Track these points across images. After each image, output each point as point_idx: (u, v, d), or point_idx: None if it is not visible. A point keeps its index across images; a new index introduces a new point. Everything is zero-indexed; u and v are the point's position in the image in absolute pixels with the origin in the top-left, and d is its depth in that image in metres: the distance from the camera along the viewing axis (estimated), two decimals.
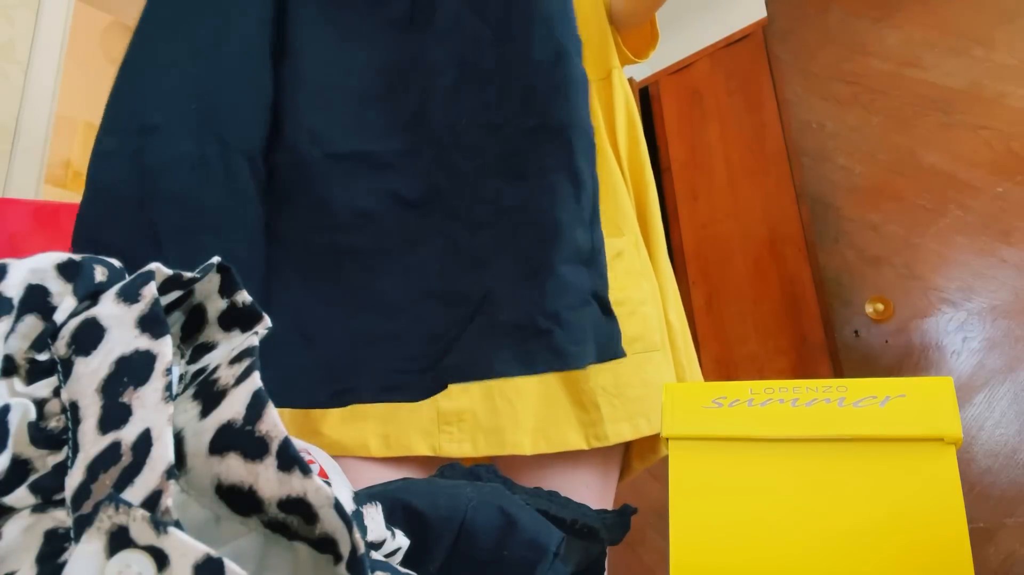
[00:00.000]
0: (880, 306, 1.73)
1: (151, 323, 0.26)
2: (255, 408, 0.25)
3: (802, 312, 1.97)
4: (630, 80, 2.49)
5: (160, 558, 0.20)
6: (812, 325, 1.94)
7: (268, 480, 0.24)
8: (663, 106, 2.45)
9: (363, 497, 0.34)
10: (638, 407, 0.75)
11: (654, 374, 0.78)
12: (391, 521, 0.34)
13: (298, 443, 0.32)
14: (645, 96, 2.50)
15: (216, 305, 0.31)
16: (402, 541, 0.33)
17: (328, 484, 0.24)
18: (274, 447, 0.24)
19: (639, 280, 0.85)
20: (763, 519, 0.39)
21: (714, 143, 2.28)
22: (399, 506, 0.36)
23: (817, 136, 1.92)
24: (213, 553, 0.20)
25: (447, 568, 0.36)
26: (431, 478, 0.46)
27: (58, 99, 1.74)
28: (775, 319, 2.01)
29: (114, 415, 0.25)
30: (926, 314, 1.68)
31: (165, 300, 0.29)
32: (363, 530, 0.30)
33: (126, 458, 0.24)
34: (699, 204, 2.27)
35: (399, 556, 0.33)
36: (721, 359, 2.10)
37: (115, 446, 0.24)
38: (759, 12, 2.24)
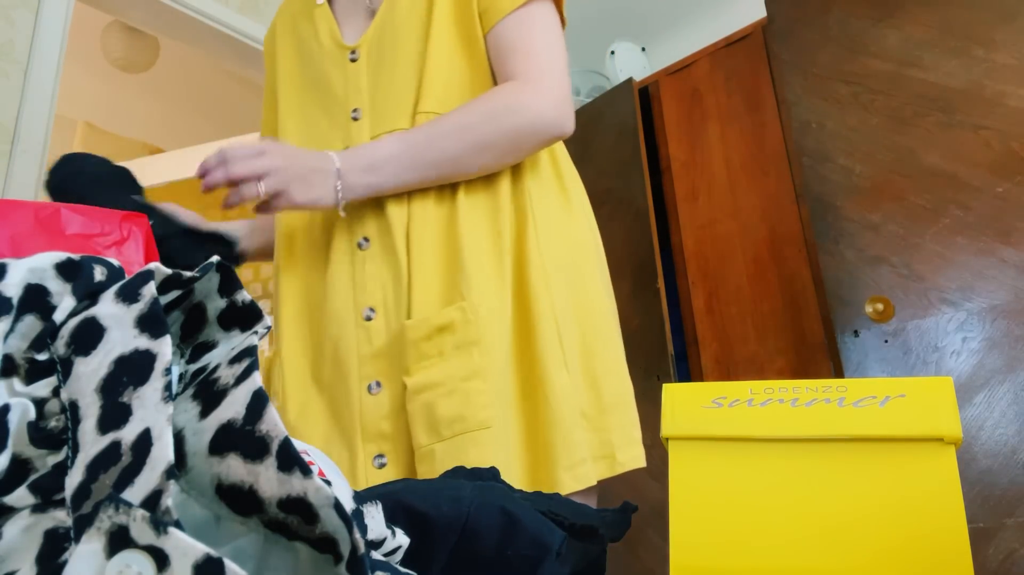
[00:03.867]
0: (880, 306, 1.73)
1: (150, 323, 0.26)
2: (255, 408, 0.25)
3: (802, 312, 1.97)
4: (630, 80, 2.49)
5: (160, 558, 0.20)
6: (812, 325, 1.94)
7: (268, 480, 0.24)
8: (663, 106, 2.45)
9: (365, 498, 0.34)
10: None
11: (477, 456, 0.74)
12: (393, 523, 0.34)
13: (298, 444, 0.32)
14: (645, 96, 2.50)
15: (216, 304, 0.31)
16: (402, 539, 0.33)
17: (328, 484, 0.24)
18: (274, 447, 0.24)
19: (469, 352, 0.79)
20: (763, 519, 0.39)
21: (714, 143, 2.28)
22: (401, 508, 0.36)
23: (817, 136, 1.92)
24: (213, 553, 0.20)
25: (450, 568, 0.36)
26: (432, 479, 0.46)
27: (58, 99, 1.73)
28: (775, 319, 2.01)
29: (114, 415, 0.25)
30: (926, 314, 1.68)
31: (164, 299, 0.29)
32: (363, 529, 0.30)
33: (126, 458, 0.24)
34: (699, 204, 2.27)
35: (399, 555, 0.33)
36: (721, 359, 2.10)
37: (115, 446, 0.24)
38: (759, 12, 2.24)
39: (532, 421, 0.81)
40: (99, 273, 0.29)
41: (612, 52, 2.77)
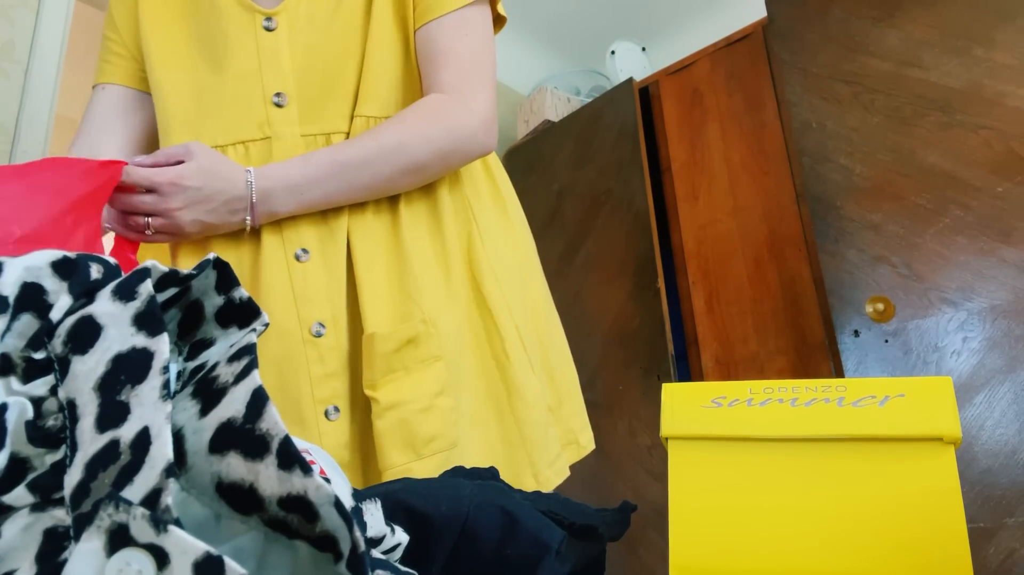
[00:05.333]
0: (880, 306, 1.73)
1: (147, 321, 0.26)
2: (255, 406, 0.25)
3: (802, 312, 1.97)
4: (630, 80, 2.49)
5: (160, 556, 0.20)
6: (812, 325, 1.94)
7: (268, 478, 0.24)
8: (663, 106, 2.45)
9: (364, 496, 0.34)
10: None
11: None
12: (392, 522, 0.34)
13: (298, 442, 0.32)
14: (645, 96, 2.50)
15: (213, 301, 0.31)
16: (401, 537, 0.33)
17: (328, 482, 0.24)
18: (274, 445, 0.24)
19: (435, 366, 0.76)
20: (762, 519, 0.39)
21: (714, 143, 2.28)
22: (401, 507, 0.36)
23: (817, 136, 1.91)
24: (213, 551, 0.20)
25: (450, 568, 0.36)
26: (431, 478, 0.46)
27: (58, 99, 1.73)
28: (775, 319, 2.01)
29: (112, 413, 0.25)
30: (926, 314, 1.68)
31: (161, 297, 0.29)
32: (363, 527, 0.30)
33: (125, 456, 0.24)
34: (699, 204, 2.27)
35: (399, 552, 0.33)
36: (721, 359, 2.10)
37: (113, 444, 0.24)
38: (759, 12, 2.24)
39: (509, 426, 0.80)
40: (95, 271, 0.29)
41: (612, 52, 2.77)
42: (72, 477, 0.24)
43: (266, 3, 0.83)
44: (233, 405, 0.26)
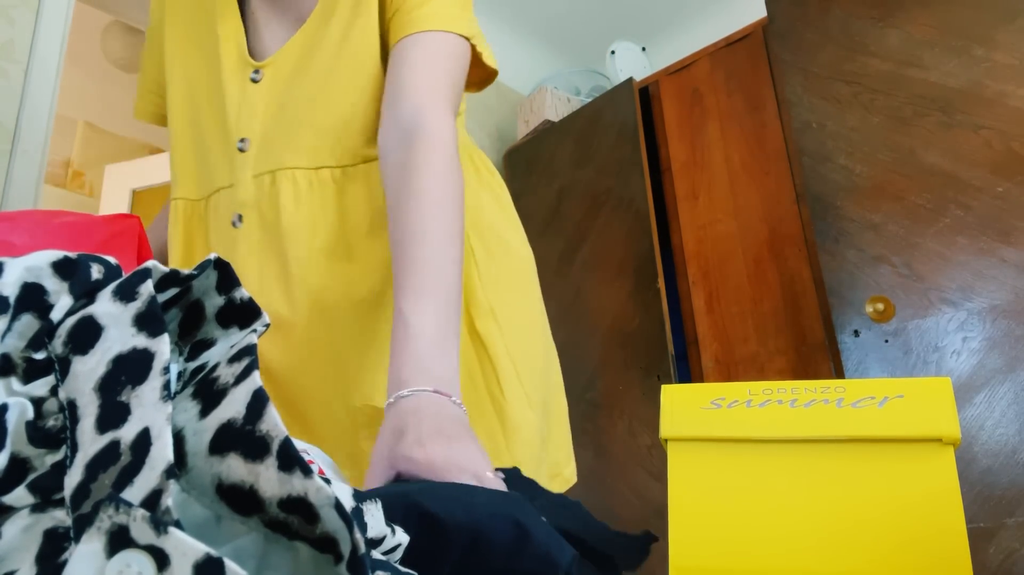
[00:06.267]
0: (880, 306, 1.73)
1: (148, 321, 0.26)
2: (255, 408, 0.25)
3: (802, 312, 1.97)
4: (630, 80, 2.49)
5: (160, 558, 0.20)
6: (812, 325, 1.94)
7: (269, 480, 0.24)
8: (663, 106, 2.45)
9: (366, 497, 0.34)
10: None
11: None
12: (406, 524, 0.34)
13: (298, 443, 0.32)
14: (645, 96, 2.50)
15: (214, 302, 0.31)
16: (402, 538, 0.33)
17: (328, 483, 0.24)
18: (275, 447, 0.24)
19: None
20: (762, 519, 0.39)
21: (714, 143, 2.28)
22: (416, 510, 0.36)
23: (817, 136, 1.91)
24: (213, 553, 0.20)
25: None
26: (450, 483, 0.45)
27: (58, 99, 1.73)
28: (775, 319, 2.01)
29: (112, 414, 0.25)
30: (926, 314, 1.68)
31: (162, 297, 0.29)
32: (363, 528, 0.30)
33: (125, 457, 0.24)
34: (699, 204, 2.27)
35: (399, 553, 0.33)
36: (721, 359, 2.10)
37: (114, 445, 0.24)
38: (759, 12, 2.24)
39: (505, 462, 0.77)
40: (96, 271, 0.29)
41: (612, 52, 2.77)
42: (72, 478, 0.24)
43: (259, 57, 0.84)
44: (233, 406, 0.26)
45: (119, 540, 0.21)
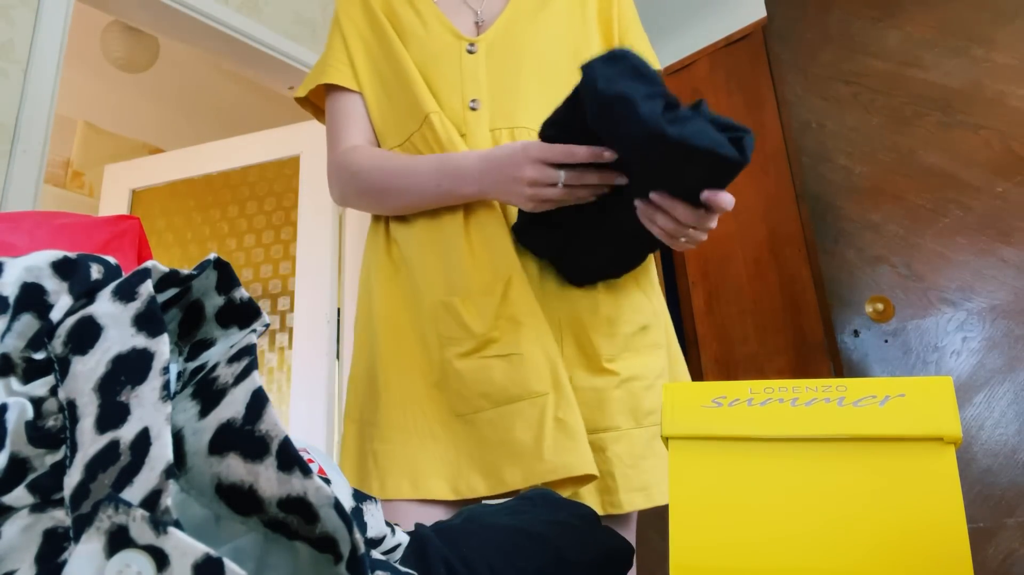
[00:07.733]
0: (880, 306, 1.73)
1: (148, 321, 0.26)
2: (255, 408, 0.25)
3: (802, 312, 1.97)
4: None
5: (160, 558, 0.20)
6: (812, 325, 1.94)
7: (268, 480, 0.24)
8: None
9: (364, 497, 0.34)
10: (651, 477, 0.83)
11: (661, 447, 0.84)
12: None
13: (297, 443, 0.32)
14: None
15: (214, 302, 0.31)
16: (401, 537, 0.33)
17: (327, 483, 0.24)
18: (274, 447, 0.24)
19: (659, 353, 0.92)
20: (763, 519, 0.39)
21: None
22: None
23: (817, 136, 1.91)
24: (213, 553, 0.20)
25: None
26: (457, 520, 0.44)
27: (57, 99, 1.73)
28: (775, 319, 2.01)
29: (112, 414, 0.25)
30: (926, 314, 1.68)
31: (162, 297, 0.29)
32: (363, 528, 0.30)
33: (124, 457, 0.23)
34: None
35: (399, 553, 0.33)
36: (721, 359, 2.09)
37: (113, 445, 0.24)
38: (759, 12, 2.24)
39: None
40: (96, 271, 0.29)
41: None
42: (72, 478, 0.24)
43: (468, 35, 1.02)
44: (233, 406, 0.26)
45: (118, 540, 0.21)
